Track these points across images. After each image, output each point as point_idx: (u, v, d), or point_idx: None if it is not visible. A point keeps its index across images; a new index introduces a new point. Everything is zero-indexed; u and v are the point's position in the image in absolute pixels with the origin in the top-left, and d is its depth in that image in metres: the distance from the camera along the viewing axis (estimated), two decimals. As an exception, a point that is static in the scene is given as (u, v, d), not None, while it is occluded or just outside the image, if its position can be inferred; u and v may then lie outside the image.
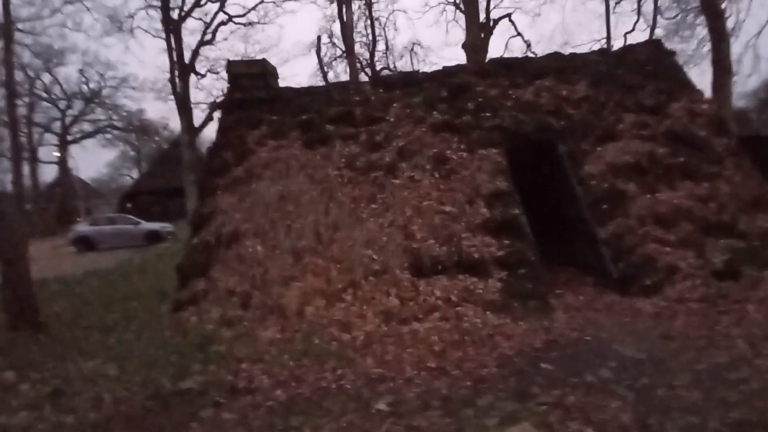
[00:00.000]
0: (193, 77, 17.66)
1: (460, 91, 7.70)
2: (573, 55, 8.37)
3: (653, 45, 8.24)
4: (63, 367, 5.00)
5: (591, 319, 5.05)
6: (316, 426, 3.45)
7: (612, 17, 19.34)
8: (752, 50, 24.17)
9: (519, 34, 20.35)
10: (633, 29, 18.61)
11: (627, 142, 6.68)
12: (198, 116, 17.56)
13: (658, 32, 18.14)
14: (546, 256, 6.18)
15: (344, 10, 13.80)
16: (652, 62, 7.76)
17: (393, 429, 3.28)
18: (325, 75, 18.92)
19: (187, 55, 16.89)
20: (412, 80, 8.19)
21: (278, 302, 5.53)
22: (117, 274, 11.60)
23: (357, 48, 21.50)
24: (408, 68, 22.01)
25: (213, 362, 4.74)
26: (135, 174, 44.81)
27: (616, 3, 18.52)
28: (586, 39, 44.43)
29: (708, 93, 9.78)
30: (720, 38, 12.99)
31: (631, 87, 7.38)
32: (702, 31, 16.36)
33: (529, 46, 19.35)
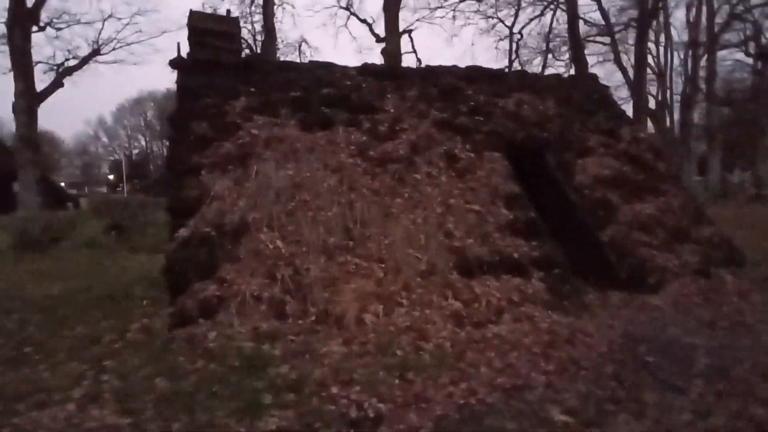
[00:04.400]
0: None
1: (452, 93, 7.64)
2: (535, 75, 9.13)
3: (592, 78, 9.56)
4: None
5: (626, 316, 5.46)
6: (521, 449, 2.89)
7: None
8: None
9: (414, 51, 21.40)
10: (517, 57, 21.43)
11: (600, 158, 7.53)
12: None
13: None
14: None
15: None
16: (595, 92, 8.97)
17: (613, 439, 2.96)
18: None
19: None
20: (399, 73, 7.81)
21: (326, 309, 4.53)
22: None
23: (243, 33, 19.63)
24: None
25: (285, 389, 3.59)
26: None
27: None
28: (494, 65, 49.18)
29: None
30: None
31: (588, 111, 8.38)
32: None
33: (419, 62, 20.56)
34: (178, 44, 6.61)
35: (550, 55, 23.06)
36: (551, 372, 3.97)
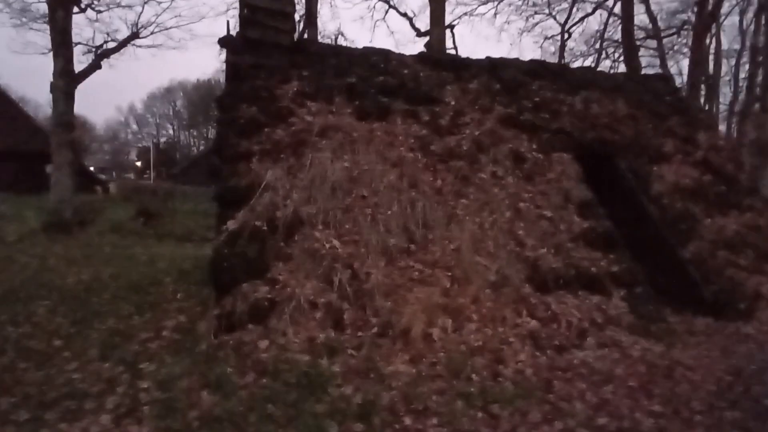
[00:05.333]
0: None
1: (515, 87, 7.02)
2: (602, 72, 8.44)
3: (663, 79, 8.80)
4: None
5: (721, 346, 4.78)
6: None
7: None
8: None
9: (455, 46, 20.71)
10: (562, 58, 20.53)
11: (678, 166, 6.82)
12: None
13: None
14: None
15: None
16: (667, 94, 8.22)
17: None
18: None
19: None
20: (459, 64, 7.21)
21: (388, 320, 4.00)
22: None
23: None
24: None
25: (351, 416, 3.06)
26: None
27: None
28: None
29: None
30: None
31: (661, 114, 7.65)
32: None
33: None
34: (228, 22, 6.17)
35: (590, 58, 22.04)
36: (659, 414, 3.36)
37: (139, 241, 12.88)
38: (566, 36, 20.02)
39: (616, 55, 21.22)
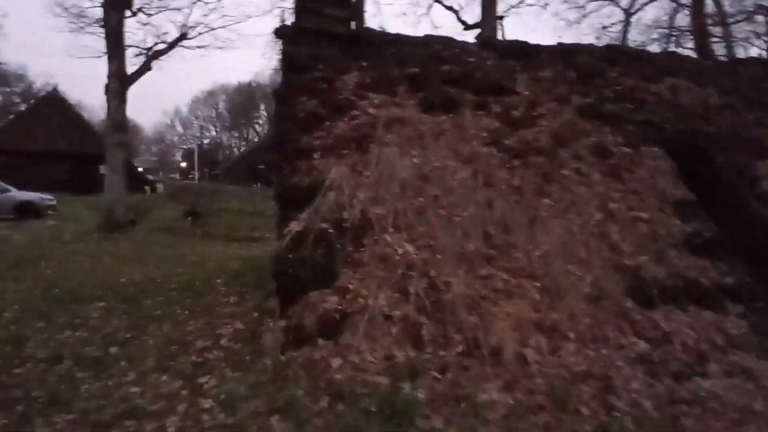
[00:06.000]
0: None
1: (592, 75, 6.34)
2: (688, 57, 7.60)
3: (759, 63, 7.84)
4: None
5: None
6: None
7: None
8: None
9: (504, 39, 19.79)
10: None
11: (787, 161, 5.93)
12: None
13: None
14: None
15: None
16: (765, 81, 7.28)
17: None
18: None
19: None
20: (526, 51, 6.60)
21: (474, 338, 3.48)
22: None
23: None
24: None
25: (446, 457, 2.58)
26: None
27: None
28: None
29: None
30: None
31: (762, 103, 6.75)
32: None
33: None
34: (282, 11, 5.85)
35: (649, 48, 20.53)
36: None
37: (187, 241, 12.96)
38: (628, 23, 18.69)
39: (676, 43, 19.66)
